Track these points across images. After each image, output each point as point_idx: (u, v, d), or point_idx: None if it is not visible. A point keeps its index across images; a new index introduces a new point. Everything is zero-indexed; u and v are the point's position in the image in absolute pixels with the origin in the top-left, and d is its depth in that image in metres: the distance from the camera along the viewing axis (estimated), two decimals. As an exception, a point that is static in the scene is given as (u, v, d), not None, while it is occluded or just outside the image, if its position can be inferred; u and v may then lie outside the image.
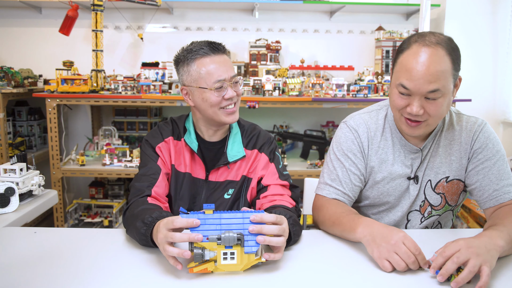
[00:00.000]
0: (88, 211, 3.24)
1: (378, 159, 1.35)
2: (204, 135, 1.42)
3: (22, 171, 1.49)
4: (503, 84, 3.23)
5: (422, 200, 1.35)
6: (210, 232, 0.95)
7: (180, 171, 1.39)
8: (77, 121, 3.51)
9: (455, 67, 1.16)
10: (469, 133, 1.31)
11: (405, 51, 1.17)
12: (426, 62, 1.12)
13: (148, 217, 1.08)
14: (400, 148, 1.34)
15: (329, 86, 2.92)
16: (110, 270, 1.00)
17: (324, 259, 1.09)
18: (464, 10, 3.23)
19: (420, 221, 1.38)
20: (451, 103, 1.22)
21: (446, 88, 1.14)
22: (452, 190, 1.34)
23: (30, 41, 3.36)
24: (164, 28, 3.42)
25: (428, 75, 1.12)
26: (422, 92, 1.14)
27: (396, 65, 1.21)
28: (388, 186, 1.35)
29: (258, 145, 1.44)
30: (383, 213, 1.40)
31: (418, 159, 1.32)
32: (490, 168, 1.27)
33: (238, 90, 1.36)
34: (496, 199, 1.25)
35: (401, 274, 0.99)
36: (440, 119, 1.22)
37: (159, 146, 1.39)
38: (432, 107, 1.16)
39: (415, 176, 1.33)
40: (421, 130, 1.23)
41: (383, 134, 1.35)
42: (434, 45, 1.13)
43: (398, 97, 1.20)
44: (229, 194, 1.39)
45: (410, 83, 1.14)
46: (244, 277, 0.97)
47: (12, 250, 1.10)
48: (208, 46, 1.31)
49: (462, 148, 1.31)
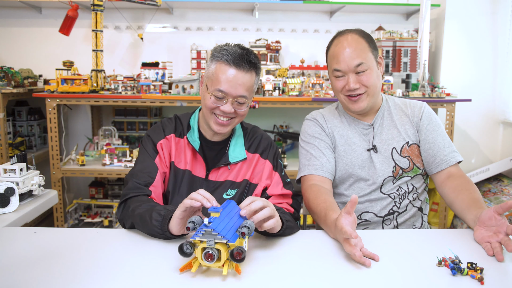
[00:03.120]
0: (88, 211, 3.24)
1: (338, 134, 1.55)
2: (206, 134, 1.43)
3: (22, 171, 1.49)
4: (503, 84, 3.23)
5: (393, 166, 1.50)
6: (231, 231, 0.96)
7: (180, 168, 1.39)
8: (77, 121, 3.51)
9: (371, 46, 1.45)
10: (415, 109, 1.56)
11: (330, 47, 1.49)
12: (345, 45, 1.43)
13: (162, 208, 1.15)
14: (354, 126, 1.56)
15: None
16: (110, 270, 1.00)
17: (324, 259, 1.09)
18: (464, 10, 3.23)
19: (393, 183, 1.50)
20: (381, 78, 1.51)
21: (368, 61, 1.42)
22: (415, 153, 1.53)
23: (30, 41, 3.37)
24: (164, 28, 3.42)
25: (350, 53, 1.41)
26: (351, 67, 1.42)
27: (327, 59, 1.51)
28: (351, 156, 1.52)
29: (259, 150, 1.45)
30: (356, 186, 1.52)
31: (371, 133, 1.54)
32: (437, 137, 1.50)
33: (239, 110, 1.33)
34: (446, 162, 1.46)
35: (402, 274, 1.00)
36: (375, 88, 1.46)
37: (160, 143, 1.39)
38: (364, 78, 1.43)
39: (373, 146, 1.52)
40: (364, 102, 1.46)
41: (338, 118, 1.58)
42: (348, 33, 1.46)
43: (336, 81, 1.48)
44: (228, 195, 1.40)
45: (339, 65, 1.43)
46: (244, 277, 0.97)
47: (12, 250, 1.10)
48: (236, 57, 1.29)
49: (412, 120, 1.54)
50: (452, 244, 1.17)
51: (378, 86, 1.48)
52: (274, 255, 1.11)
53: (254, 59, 1.32)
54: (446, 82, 3.20)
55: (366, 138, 1.53)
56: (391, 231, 1.37)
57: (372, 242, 1.18)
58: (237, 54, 1.29)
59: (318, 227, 1.40)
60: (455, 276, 0.98)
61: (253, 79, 1.34)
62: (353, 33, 1.45)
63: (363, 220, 1.51)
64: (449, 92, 3.01)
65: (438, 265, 1.03)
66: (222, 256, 0.94)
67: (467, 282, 0.95)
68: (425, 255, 1.10)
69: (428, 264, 1.04)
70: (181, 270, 0.97)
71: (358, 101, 1.46)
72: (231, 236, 0.95)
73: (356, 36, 1.44)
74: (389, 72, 3.25)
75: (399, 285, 0.95)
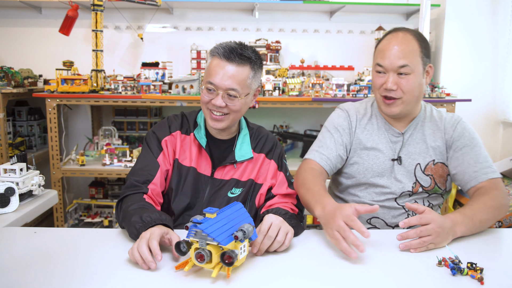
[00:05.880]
0: (88, 211, 3.24)
1: (365, 138, 1.49)
2: (212, 132, 1.43)
3: (22, 171, 1.49)
4: (503, 84, 3.23)
5: (414, 182, 1.45)
6: (225, 233, 0.94)
7: (185, 165, 1.39)
8: (77, 121, 3.51)
9: (424, 51, 1.37)
10: (448, 124, 1.47)
11: (381, 41, 1.42)
12: (395, 42, 1.36)
13: (147, 216, 1.12)
14: (384, 131, 1.49)
15: (329, 86, 2.92)
16: (110, 270, 1.00)
17: (324, 258, 1.09)
18: (464, 10, 3.22)
19: (409, 196, 1.47)
20: (424, 88, 1.42)
21: (414, 66, 1.35)
22: (439, 172, 1.46)
23: (30, 41, 3.36)
24: (164, 28, 3.42)
25: (398, 52, 1.35)
26: (394, 67, 1.35)
27: (374, 53, 1.45)
28: (372, 163, 1.47)
29: (265, 150, 1.45)
30: (371, 190, 1.48)
31: (400, 142, 1.47)
32: (467, 153, 1.41)
33: (230, 104, 1.31)
34: (476, 179, 1.37)
35: (402, 273, 1.00)
36: (413, 96, 1.38)
37: (165, 140, 1.39)
38: (404, 81, 1.36)
39: (398, 157, 1.46)
40: (398, 108, 1.40)
41: (370, 119, 1.52)
42: (403, 31, 1.39)
43: (376, 77, 1.42)
44: (233, 193, 1.40)
45: (383, 61, 1.37)
46: (243, 277, 0.97)
47: (12, 250, 1.10)
48: (226, 50, 1.30)
49: (443, 136, 1.46)
50: (452, 244, 1.17)
51: (417, 95, 1.39)
52: (274, 257, 1.11)
53: (248, 53, 1.31)
54: (446, 82, 3.19)
55: (393, 146, 1.47)
56: (391, 231, 1.37)
57: (372, 242, 1.18)
58: (229, 47, 1.31)
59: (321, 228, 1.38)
60: (455, 276, 0.98)
61: (246, 72, 1.31)
62: (408, 32, 1.38)
63: (372, 226, 1.49)
64: (449, 92, 3.01)
65: (438, 265, 1.03)
66: (213, 257, 0.93)
67: (467, 282, 0.95)
68: (425, 255, 1.10)
69: (428, 264, 1.04)
70: (176, 268, 0.98)
71: (392, 106, 1.40)
72: (223, 238, 0.93)
73: (409, 36, 1.37)
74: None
75: (399, 285, 0.95)
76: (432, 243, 1.12)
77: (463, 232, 1.20)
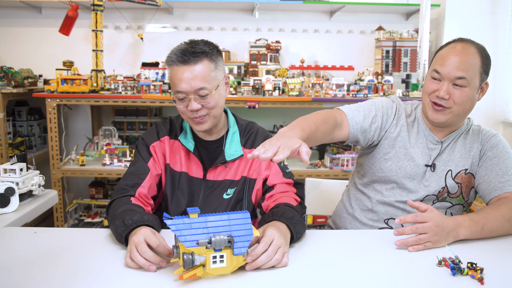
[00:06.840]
0: (88, 211, 3.24)
1: (403, 136, 1.46)
2: (199, 134, 1.42)
3: (22, 171, 1.49)
4: (503, 84, 3.22)
5: (442, 186, 1.44)
6: (198, 236, 0.92)
7: (176, 170, 1.39)
8: (77, 121, 3.51)
9: (484, 68, 1.35)
10: (485, 136, 1.47)
11: (444, 48, 1.39)
12: (458, 52, 1.33)
13: (128, 218, 1.11)
14: (423, 136, 1.46)
15: (329, 86, 2.93)
16: (110, 270, 1.00)
17: (324, 258, 1.09)
18: (464, 10, 3.22)
19: (433, 202, 1.45)
20: (474, 103, 1.39)
21: (472, 80, 1.32)
22: (467, 182, 1.45)
23: (30, 41, 3.36)
24: (164, 28, 3.42)
25: (458, 63, 1.32)
26: (451, 77, 1.32)
27: (434, 58, 1.42)
28: (405, 164, 1.44)
29: (256, 144, 1.41)
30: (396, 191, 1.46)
31: (436, 150, 1.45)
32: (497, 163, 1.39)
33: (205, 103, 1.29)
34: (501, 189, 1.33)
35: (403, 273, 0.99)
36: (463, 110, 1.36)
37: (153, 145, 1.39)
38: (457, 93, 1.33)
39: (432, 164, 1.44)
40: (445, 116, 1.37)
41: (413, 121, 1.49)
42: (469, 43, 1.36)
43: (430, 82, 1.38)
44: (228, 194, 1.39)
45: (442, 68, 1.34)
46: (243, 277, 0.97)
47: (12, 250, 1.10)
48: (179, 55, 1.27)
49: (479, 147, 1.45)
50: (452, 244, 1.17)
51: (467, 108, 1.37)
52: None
53: (200, 47, 1.28)
54: (446, 82, 3.19)
55: (430, 153, 1.45)
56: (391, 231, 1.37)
57: (372, 241, 1.18)
58: (181, 51, 1.27)
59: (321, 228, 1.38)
60: (455, 276, 0.98)
61: (207, 67, 1.28)
62: (473, 46, 1.35)
63: (389, 226, 1.47)
64: (449, 92, 3.01)
65: (438, 265, 1.03)
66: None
67: (467, 282, 0.95)
68: (425, 255, 1.10)
69: (428, 264, 1.04)
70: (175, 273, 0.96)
71: (440, 113, 1.37)
72: (187, 239, 0.91)
73: (474, 50, 1.34)
74: (389, 72, 3.25)
75: (399, 285, 0.95)
76: (429, 242, 1.12)
77: (466, 235, 1.18)
